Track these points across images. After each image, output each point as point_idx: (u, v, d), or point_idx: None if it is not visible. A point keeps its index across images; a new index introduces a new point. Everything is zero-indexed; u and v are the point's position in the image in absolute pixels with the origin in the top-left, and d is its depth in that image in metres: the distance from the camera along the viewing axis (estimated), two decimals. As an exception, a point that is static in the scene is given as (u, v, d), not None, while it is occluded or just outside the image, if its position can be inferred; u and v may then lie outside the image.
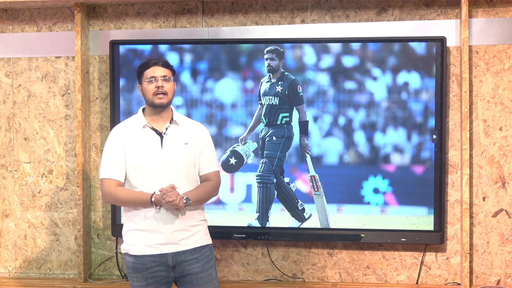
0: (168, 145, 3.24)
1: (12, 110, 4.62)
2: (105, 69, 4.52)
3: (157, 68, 3.25)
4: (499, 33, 4.21)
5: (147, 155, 3.21)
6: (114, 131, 3.31)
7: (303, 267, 4.42)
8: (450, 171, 4.27)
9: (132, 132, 3.26)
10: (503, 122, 4.22)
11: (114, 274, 4.58)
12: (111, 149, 3.25)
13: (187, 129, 3.32)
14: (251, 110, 4.33)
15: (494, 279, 4.26)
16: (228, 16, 4.44)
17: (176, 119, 3.30)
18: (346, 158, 4.28)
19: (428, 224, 4.21)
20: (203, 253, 3.27)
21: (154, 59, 3.31)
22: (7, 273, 4.65)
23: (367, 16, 4.34)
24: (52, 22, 4.58)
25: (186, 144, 3.26)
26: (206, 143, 3.34)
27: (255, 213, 4.33)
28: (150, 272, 3.20)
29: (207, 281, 3.25)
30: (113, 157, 3.23)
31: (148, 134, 3.25)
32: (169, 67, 3.29)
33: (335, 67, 4.26)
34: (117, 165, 3.22)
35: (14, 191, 4.64)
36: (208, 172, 3.33)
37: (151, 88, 3.22)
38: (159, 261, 3.20)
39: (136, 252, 3.21)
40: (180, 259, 3.21)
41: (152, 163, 3.21)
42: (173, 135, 3.26)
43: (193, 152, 3.28)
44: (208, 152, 3.34)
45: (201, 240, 3.27)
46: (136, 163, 3.22)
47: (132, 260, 3.22)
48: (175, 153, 3.23)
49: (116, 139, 3.26)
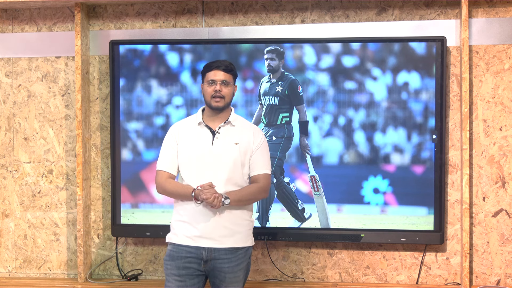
0: (219, 143, 3.33)
1: (12, 110, 4.62)
2: (105, 69, 4.52)
3: (218, 72, 3.34)
4: (499, 33, 4.21)
5: (197, 152, 3.33)
6: (173, 126, 3.48)
7: (303, 267, 4.42)
8: (450, 171, 4.27)
9: (188, 128, 3.40)
10: (503, 122, 4.22)
11: (114, 274, 4.58)
12: (167, 143, 3.42)
13: (241, 130, 3.40)
14: (251, 110, 4.33)
15: (494, 279, 4.26)
16: (228, 16, 4.44)
17: (232, 120, 3.39)
18: (346, 158, 4.28)
19: (428, 224, 4.21)
20: (237, 254, 3.33)
21: (217, 61, 3.39)
22: (7, 273, 4.66)
23: (367, 16, 4.34)
24: (52, 22, 4.58)
25: (236, 144, 3.33)
26: (258, 145, 3.40)
27: (255, 213, 4.33)
28: (183, 262, 3.30)
29: (232, 282, 3.34)
30: (167, 151, 3.40)
31: (202, 131, 3.38)
32: (231, 72, 3.37)
33: (335, 67, 4.26)
34: (170, 159, 3.38)
35: (14, 191, 4.64)
36: (257, 174, 3.38)
37: (210, 90, 3.34)
38: (195, 253, 3.30)
39: (176, 240, 3.34)
40: (214, 255, 3.30)
41: (201, 159, 3.32)
42: (225, 134, 3.35)
43: (243, 153, 3.34)
44: (260, 154, 3.39)
45: (239, 242, 3.34)
46: (186, 157, 3.35)
47: (171, 248, 3.36)
48: (224, 152, 3.32)
49: (172, 134, 3.42)
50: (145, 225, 4.39)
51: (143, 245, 4.55)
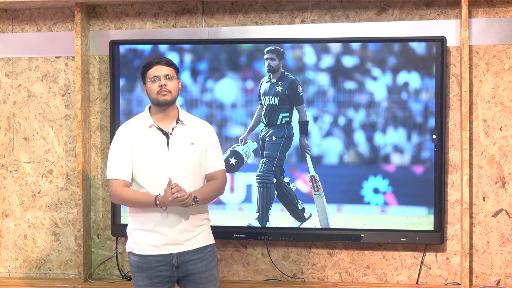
0: (174, 145, 3.25)
1: (12, 110, 4.62)
2: (105, 69, 4.52)
3: (159, 67, 3.25)
4: (499, 33, 4.21)
5: (154, 156, 3.22)
6: (121, 130, 3.32)
7: (303, 267, 4.42)
8: (450, 171, 4.27)
9: (139, 132, 3.27)
10: (503, 122, 4.22)
11: (114, 274, 4.58)
12: (118, 149, 3.26)
13: (193, 128, 3.32)
14: (251, 110, 4.33)
15: (494, 279, 4.26)
16: (228, 16, 4.44)
17: (183, 119, 3.30)
18: (346, 158, 4.28)
19: (428, 224, 4.21)
20: (207, 252, 3.29)
21: (156, 58, 3.32)
22: (7, 273, 4.65)
23: (367, 16, 4.34)
24: (52, 22, 4.58)
25: (192, 144, 3.27)
26: (211, 141, 3.34)
27: (255, 213, 4.33)
28: (154, 271, 3.22)
29: (209, 280, 3.28)
30: (120, 157, 3.24)
31: (155, 134, 3.26)
32: (172, 66, 3.29)
33: (335, 67, 4.26)
34: (124, 165, 3.23)
35: (14, 191, 4.64)
36: (214, 170, 3.33)
37: (154, 87, 3.23)
38: (164, 260, 3.22)
39: (141, 251, 3.23)
40: (184, 259, 3.23)
41: (158, 163, 3.21)
42: (179, 135, 3.27)
43: (199, 152, 3.28)
44: (214, 150, 3.34)
45: (205, 240, 3.30)
46: (142, 163, 3.23)
47: (137, 259, 3.24)
48: (181, 154, 3.24)
49: (123, 138, 3.26)
50: (145, 225, 4.39)
51: (143, 245, 4.55)
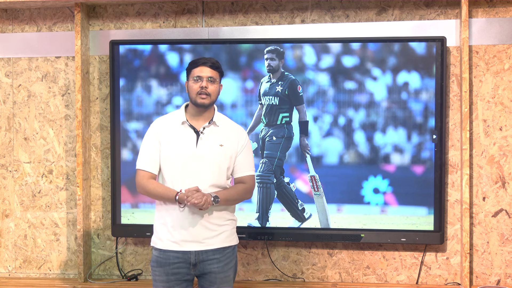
0: (203, 145, 3.26)
1: (12, 110, 4.62)
2: (105, 69, 4.52)
3: (204, 68, 3.27)
4: (499, 33, 4.21)
5: (181, 152, 3.26)
6: (154, 124, 3.36)
7: (303, 267, 4.42)
8: (450, 171, 4.27)
9: (171, 127, 3.31)
10: (503, 122, 4.22)
11: (114, 274, 4.58)
12: (148, 141, 3.32)
13: (225, 131, 3.33)
14: (251, 110, 4.33)
15: (494, 279, 4.26)
16: (228, 16, 4.44)
17: (216, 120, 3.32)
18: (346, 158, 4.28)
19: (428, 224, 4.21)
20: (225, 253, 3.30)
21: (204, 58, 3.33)
22: (7, 273, 4.66)
23: (367, 16, 4.34)
24: (52, 22, 4.58)
25: (221, 146, 3.28)
26: (242, 146, 3.35)
27: (255, 213, 4.33)
28: (172, 268, 3.25)
29: (224, 281, 3.30)
30: (148, 150, 3.30)
31: (186, 131, 3.29)
32: (218, 69, 3.31)
33: (335, 67, 4.26)
34: (152, 158, 3.29)
35: (14, 191, 4.64)
36: (243, 175, 3.35)
37: (196, 87, 3.26)
38: (182, 257, 3.24)
39: (162, 246, 3.27)
40: (202, 257, 3.25)
41: (184, 160, 3.24)
42: (209, 135, 3.29)
43: (228, 155, 3.29)
44: (244, 155, 3.35)
45: (225, 241, 3.30)
46: (169, 158, 3.27)
47: (157, 254, 3.29)
48: (208, 153, 3.26)
49: (154, 132, 3.31)
50: (145, 225, 4.39)
51: (143, 245, 4.55)
